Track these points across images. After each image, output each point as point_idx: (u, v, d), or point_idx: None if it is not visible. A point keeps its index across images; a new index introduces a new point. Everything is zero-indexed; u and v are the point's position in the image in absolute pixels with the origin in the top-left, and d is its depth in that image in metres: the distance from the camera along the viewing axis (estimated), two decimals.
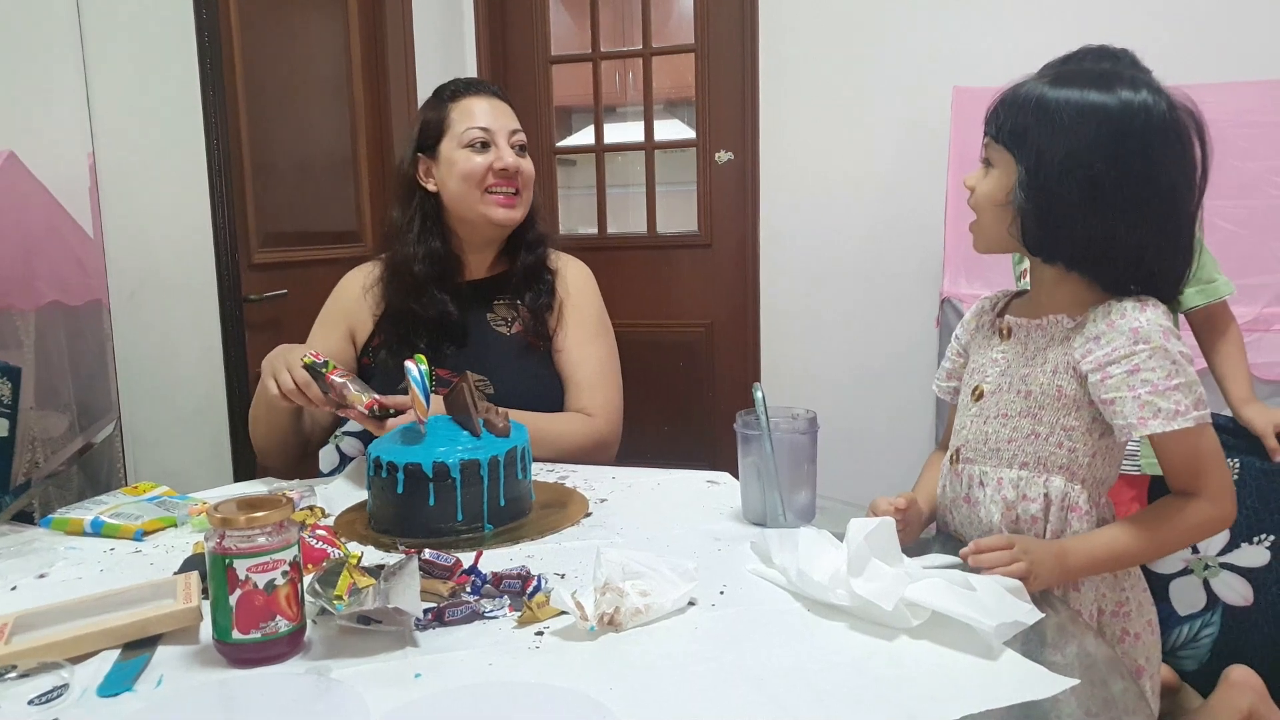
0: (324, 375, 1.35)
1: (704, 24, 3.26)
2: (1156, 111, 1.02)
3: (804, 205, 3.16)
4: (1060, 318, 1.08)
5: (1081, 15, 2.60)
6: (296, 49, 2.56)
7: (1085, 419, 1.07)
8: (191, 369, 2.19)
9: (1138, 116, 1.01)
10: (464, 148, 1.59)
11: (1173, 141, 1.03)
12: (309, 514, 1.24)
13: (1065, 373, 1.07)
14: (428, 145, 1.63)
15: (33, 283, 1.60)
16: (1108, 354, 1.02)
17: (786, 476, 1.16)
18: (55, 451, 1.60)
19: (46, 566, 1.10)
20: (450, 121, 1.61)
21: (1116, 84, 1.03)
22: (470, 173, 1.58)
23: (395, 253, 1.63)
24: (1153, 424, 1.00)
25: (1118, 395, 1.02)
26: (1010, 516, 1.11)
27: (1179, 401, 1.00)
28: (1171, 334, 1.02)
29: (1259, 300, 2.35)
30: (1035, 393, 1.09)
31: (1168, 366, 1.00)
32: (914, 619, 0.87)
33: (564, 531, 1.19)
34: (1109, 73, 1.05)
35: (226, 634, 0.84)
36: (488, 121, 1.60)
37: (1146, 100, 1.02)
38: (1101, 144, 1.01)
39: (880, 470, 2.98)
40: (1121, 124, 1.01)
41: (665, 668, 0.82)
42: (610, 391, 1.64)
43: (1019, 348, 1.13)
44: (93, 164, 1.84)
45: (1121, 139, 1.01)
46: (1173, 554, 1.46)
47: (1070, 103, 1.03)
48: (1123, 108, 1.01)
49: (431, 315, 1.58)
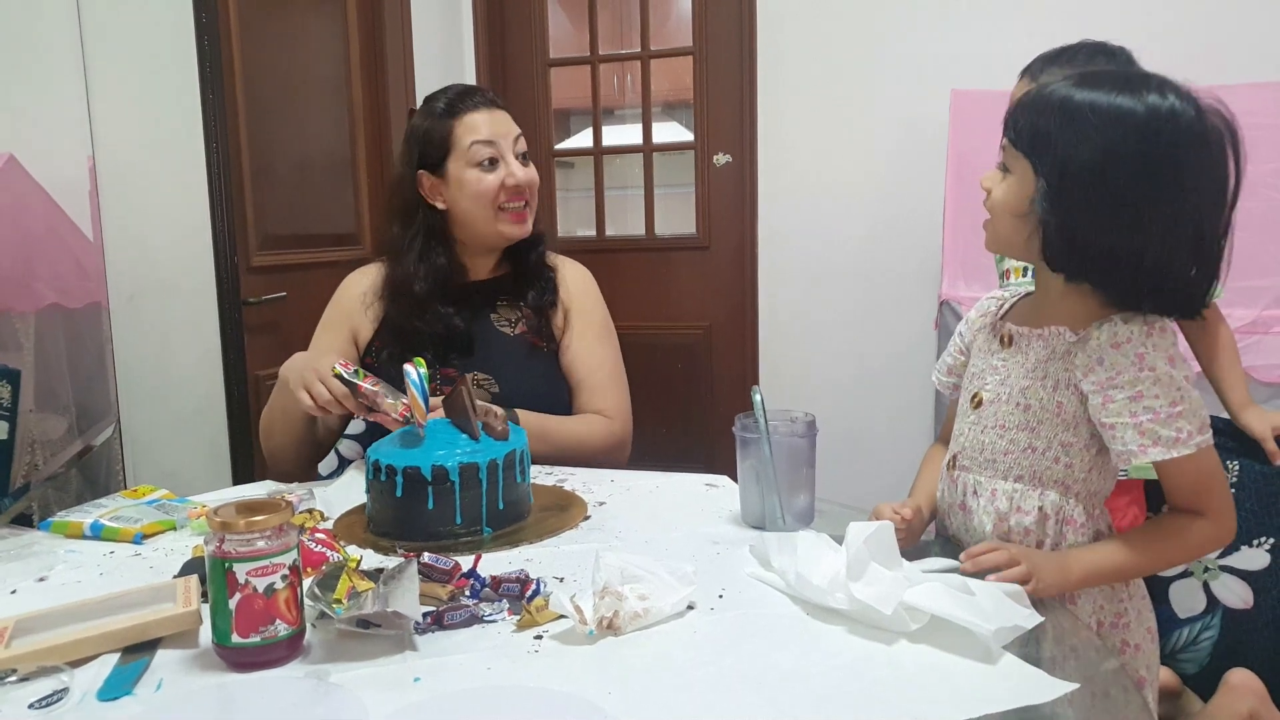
0: (356, 386, 1.36)
1: (702, 26, 3.26)
2: (1185, 118, 0.97)
3: (802, 208, 3.16)
4: (1062, 330, 1.06)
5: (1080, 18, 2.59)
6: (296, 52, 2.57)
7: (1084, 436, 1.06)
8: (190, 372, 2.19)
9: (1165, 124, 0.96)
10: (473, 167, 1.58)
11: (1202, 151, 0.98)
12: (308, 517, 1.24)
13: (1066, 389, 1.05)
14: (431, 164, 1.61)
15: (32, 285, 1.60)
16: (1110, 377, 1.01)
17: (785, 480, 1.16)
18: (54, 454, 1.60)
19: (46, 570, 1.10)
20: (455, 139, 1.59)
21: (1143, 89, 0.98)
22: (483, 193, 1.58)
23: (395, 271, 1.62)
24: (1153, 451, 0.99)
25: (1119, 421, 1.00)
26: (1002, 528, 1.10)
27: (1180, 429, 0.98)
28: (1177, 360, 1.01)
29: (1258, 303, 2.35)
30: (1034, 407, 1.08)
31: (1172, 394, 0.99)
32: (913, 623, 0.87)
33: (563, 535, 1.19)
34: (1135, 76, 1.00)
35: (226, 638, 0.84)
36: (492, 135, 1.59)
37: (1174, 106, 0.97)
38: (1128, 155, 0.96)
39: (879, 473, 2.97)
40: (1148, 133, 0.96)
41: (664, 671, 0.82)
42: (622, 393, 1.66)
43: (1019, 357, 1.11)
44: (92, 167, 1.84)
45: (1149, 149, 0.96)
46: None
47: (1095, 109, 0.97)
48: (1150, 115, 0.96)
49: (437, 330, 1.58)
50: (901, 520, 1.08)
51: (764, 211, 3.22)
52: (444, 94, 1.64)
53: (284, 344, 2.44)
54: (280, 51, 2.49)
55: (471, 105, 1.61)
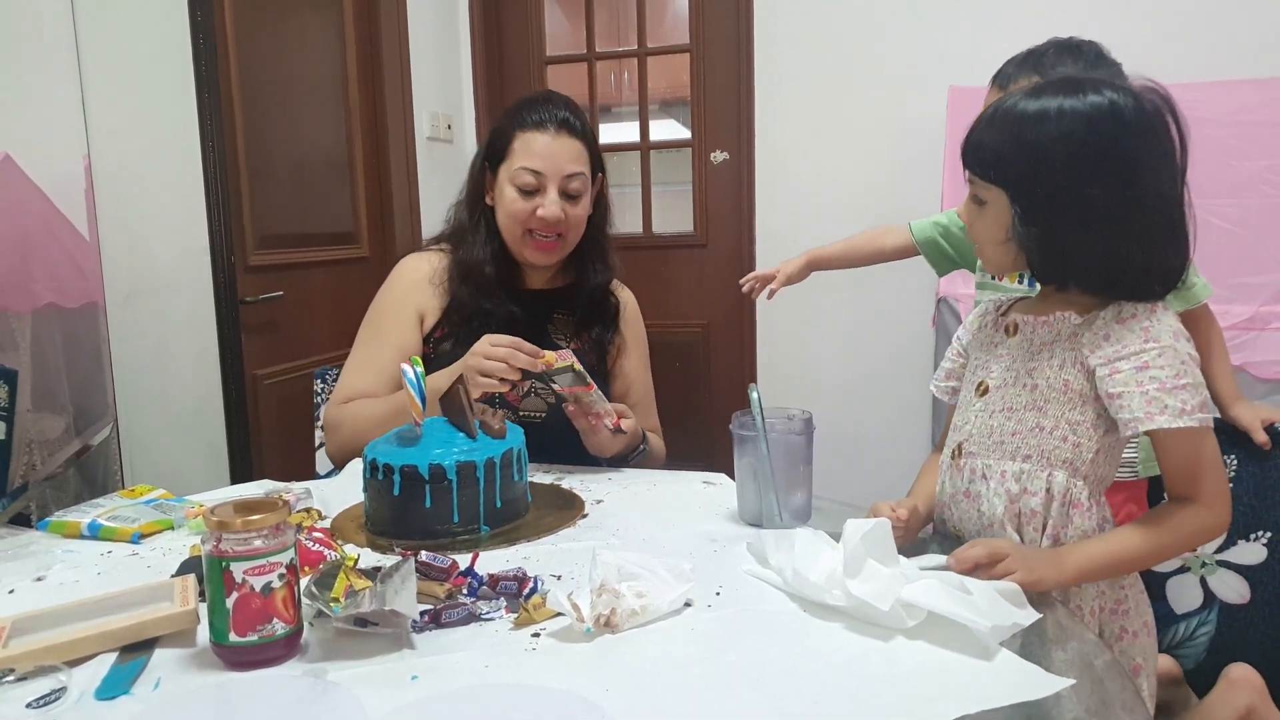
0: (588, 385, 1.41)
1: (699, 24, 3.26)
2: (1126, 110, 1.01)
3: (800, 205, 3.16)
4: (1068, 315, 1.09)
5: (1075, 14, 2.60)
6: (292, 50, 2.56)
7: (1090, 414, 1.07)
8: (188, 371, 2.19)
9: (1108, 121, 1.01)
10: (513, 186, 1.58)
11: (1148, 136, 1.02)
12: (306, 516, 1.24)
13: (1073, 367, 1.07)
14: (492, 160, 1.62)
15: (29, 285, 1.59)
16: (1117, 350, 1.03)
17: (782, 477, 1.16)
18: (52, 454, 1.59)
19: (44, 569, 1.10)
20: (512, 150, 1.58)
21: (1081, 91, 1.02)
22: (514, 214, 1.58)
23: (466, 253, 1.62)
24: (1160, 419, 1.00)
25: (1125, 390, 1.02)
26: (1013, 510, 1.11)
27: (1185, 401, 1.00)
28: (1181, 335, 1.03)
29: (1255, 299, 2.35)
30: (1041, 386, 1.09)
31: (1177, 365, 1.01)
32: (910, 620, 0.87)
33: (560, 533, 1.19)
34: (1072, 82, 1.04)
35: (223, 636, 0.84)
36: (542, 165, 1.56)
37: (1114, 99, 1.01)
38: (1084, 157, 1.01)
39: (876, 470, 2.98)
40: (1096, 134, 1.00)
41: (661, 669, 0.83)
42: (656, 411, 1.79)
43: (1025, 343, 1.13)
44: (88, 166, 1.84)
45: (1100, 150, 1.01)
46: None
47: (1044, 120, 1.02)
48: (1093, 113, 1.01)
49: (502, 316, 1.58)
50: (898, 519, 1.09)
51: (761, 209, 3.22)
52: (532, 101, 1.61)
53: (281, 343, 2.45)
54: (277, 49, 2.48)
55: (539, 123, 1.58)
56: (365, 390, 1.57)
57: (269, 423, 2.38)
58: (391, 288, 1.66)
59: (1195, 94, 2.49)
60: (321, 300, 2.62)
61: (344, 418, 1.55)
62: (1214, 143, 2.37)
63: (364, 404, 1.55)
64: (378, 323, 1.64)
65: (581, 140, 1.60)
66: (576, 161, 1.59)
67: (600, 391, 1.44)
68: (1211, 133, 2.37)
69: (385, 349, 1.59)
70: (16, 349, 1.52)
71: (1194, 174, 1.06)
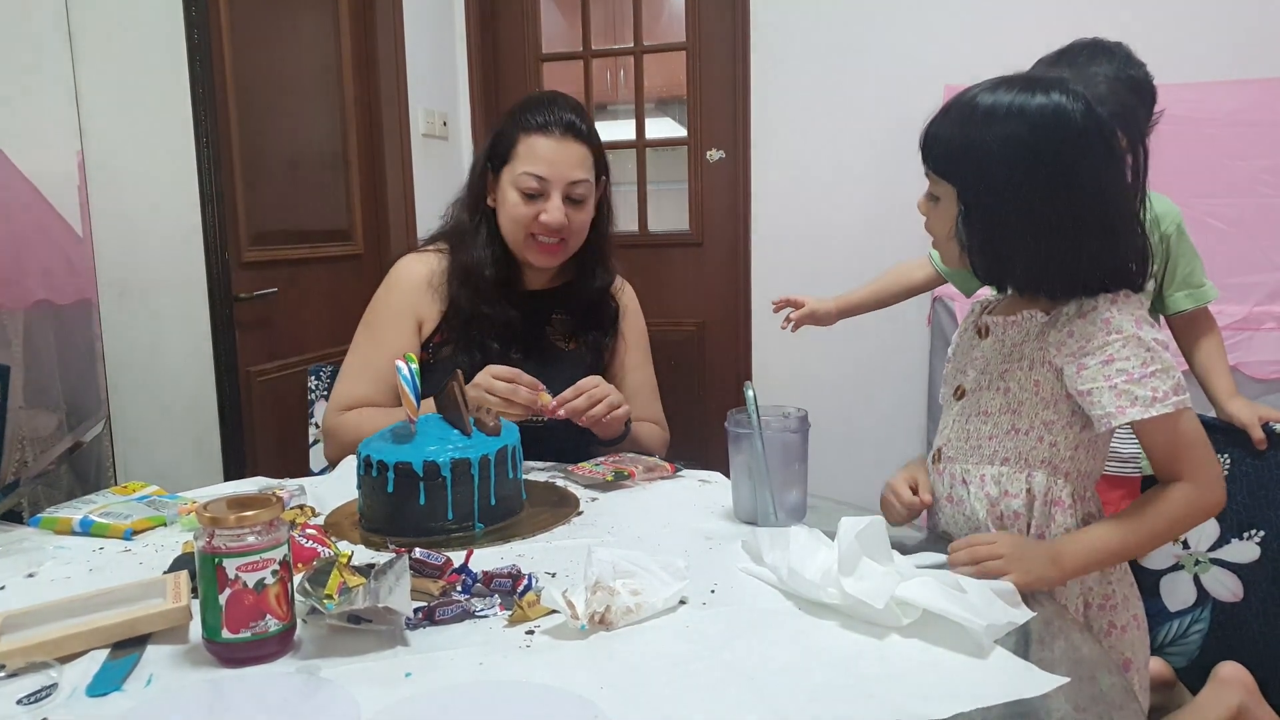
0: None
1: (695, 22, 3.26)
2: (1073, 117, 1.00)
3: (796, 203, 3.16)
4: (1035, 313, 1.09)
5: (1073, 12, 2.60)
6: (287, 46, 2.56)
7: (1064, 413, 1.08)
8: (181, 368, 2.18)
9: (1050, 125, 1.00)
10: (516, 190, 1.56)
11: (1095, 143, 1.01)
12: (299, 513, 1.24)
13: (1042, 367, 1.07)
14: (495, 162, 1.60)
15: (21, 281, 1.59)
16: (1082, 346, 1.03)
17: (778, 475, 1.16)
18: (44, 451, 1.59)
19: (35, 566, 1.10)
20: (516, 153, 1.56)
21: (1035, 90, 1.02)
22: (516, 218, 1.56)
23: (465, 255, 1.60)
24: (1131, 411, 1.00)
25: (1094, 386, 1.02)
26: (995, 513, 1.11)
27: (1155, 388, 1.00)
28: (1145, 322, 1.03)
29: (1249, 299, 2.36)
30: (1014, 389, 1.10)
31: (1142, 354, 1.01)
32: (905, 618, 0.87)
33: (555, 530, 1.19)
34: (1032, 80, 1.04)
35: (216, 633, 0.84)
36: (546, 170, 1.54)
37: (1061, 104, 1.00)
38: (1021, 163, 1.00)
39: (871, 468, 2.97)
40: (1037, 137, 1.00)
41: (656, 667, 0.82)
42: (659, 402, 1.79)
43: (997, 345, 1.14)
44: (81, 162, 1.83)
45: (1038, 153, 1.00)
46: (1164, 546, 1.47)
47: (992, 117, 1.02)
48: (1037, 116, 1.00)
49: (501, 320, 1.57)
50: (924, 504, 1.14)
51: (757, 207, 3.22)
52: (535, 101, 1.59)
53: (275, 340, 2.45)
54: (271, 45, 2.48)
55: (543, 126, 1.55)
56: (363, 398, 1.56)
57: (263, 419, 2.37)
58: (390, 292, 1.63)
59: (1194, 94, 2.50)
60: (316, 297, 2.62)
61: (344, 427, 1.55)
62: (1212, 143, 2.37)
63: (364, 415, 1.53)
64: (376, 327, 1.62)
65: (586, 144, 1.58)
66: (581, 167, 1.57)
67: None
68: (1210, 132, 2.38)
69: (384, 356, 1.53)
70: (9, 345, 1.51)
71: (1191, 174, 1.06)
